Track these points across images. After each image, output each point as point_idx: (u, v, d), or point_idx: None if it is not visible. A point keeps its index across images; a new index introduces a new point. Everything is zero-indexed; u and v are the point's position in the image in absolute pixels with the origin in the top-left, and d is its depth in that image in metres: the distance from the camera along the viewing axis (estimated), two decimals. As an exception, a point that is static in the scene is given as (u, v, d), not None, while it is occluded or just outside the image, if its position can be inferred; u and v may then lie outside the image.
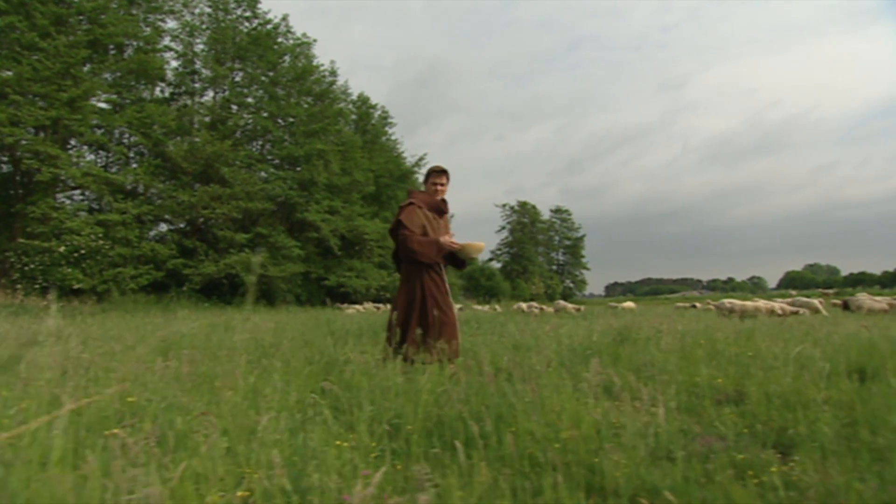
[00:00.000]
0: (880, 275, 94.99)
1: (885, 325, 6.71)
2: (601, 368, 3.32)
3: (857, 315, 14.74)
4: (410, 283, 4.52)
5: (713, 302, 25.30)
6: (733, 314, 13.91)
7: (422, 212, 4.54)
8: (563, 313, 18.87)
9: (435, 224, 4.61)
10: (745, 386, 3.65)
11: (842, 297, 44.69)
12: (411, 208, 4.52)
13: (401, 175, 40.41)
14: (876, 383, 3.64)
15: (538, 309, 19.02)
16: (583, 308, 21.15)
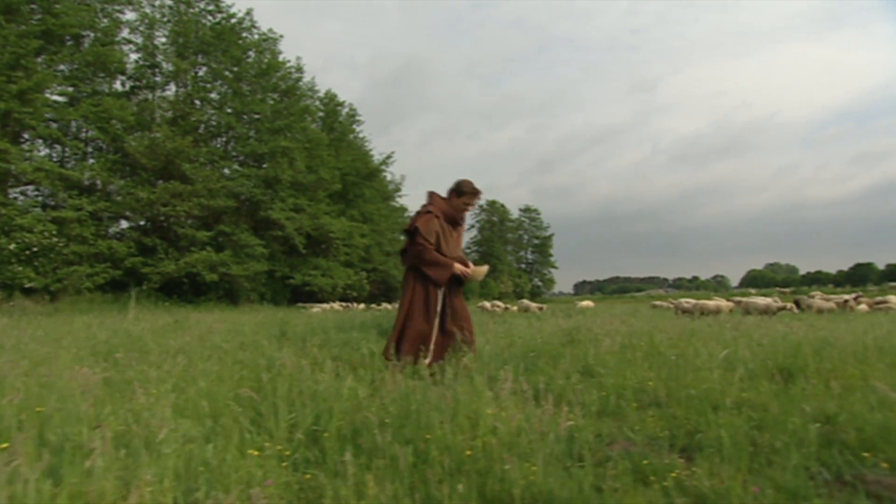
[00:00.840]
0: (835, 273, 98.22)
1: (822, 326, 6.92)
2: (519, 375, 3.35)
3: (807, 314, 15.19)
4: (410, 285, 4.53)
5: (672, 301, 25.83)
6: (689, 314, 14.22)
7: (438, 221, 4.47)
8: (525, 312, 19.03)
9: (448, 236, 4.55)
10: (672, 388, 3.71)
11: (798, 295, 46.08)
12: (429, 217, 4.43)
13: (368, 173, 40.19)
14: (796, 384, 3.75)
15: (502, 308, 19.10)
16: (545, 307, 21.31)
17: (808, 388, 3.34)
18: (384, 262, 41.13)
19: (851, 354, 4.50)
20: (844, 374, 3.81)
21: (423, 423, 2.67)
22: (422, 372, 4.03)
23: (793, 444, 2.40)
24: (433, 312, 4.46)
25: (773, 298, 20.40)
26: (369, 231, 38.26)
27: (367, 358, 5.20)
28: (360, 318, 15.43)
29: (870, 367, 3.98)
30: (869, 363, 4.20)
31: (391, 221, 43.21)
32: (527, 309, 19.58)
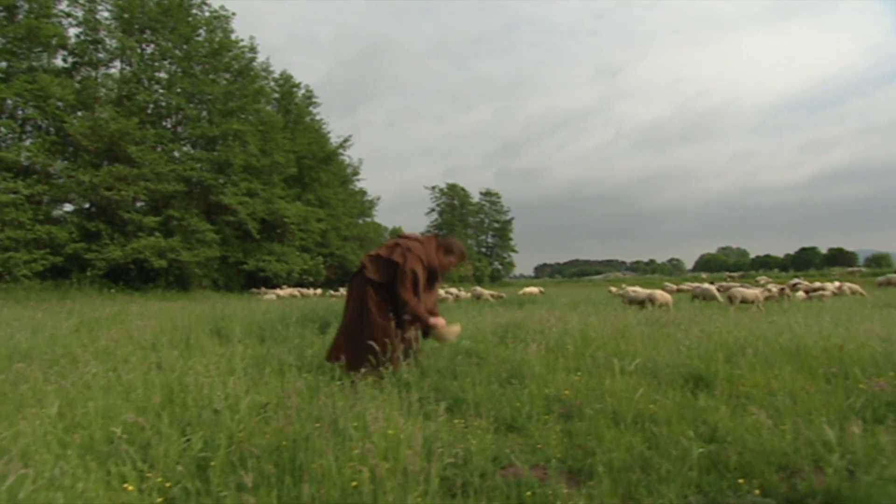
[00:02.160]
0: (783, 257, 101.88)
1: (745, 324, 7.11)
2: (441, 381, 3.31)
3: (735, 307, 15.68)
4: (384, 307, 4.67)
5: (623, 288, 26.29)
6: (635, 303, 14.48)
7: (420, 267, 4.64)
8: (478, 300, 19.06)
9: (425, 285, 4.75)
10: (586, 399, 3.74)
11: (745, 280, 47.73)
12: (418, 261, 4.62)
13: (325, 157, 39.51)
14: (708, 393, 3.83)
15: (454, 296, 19.08)
16: (504, 294, 21.30)
17: (711, 403, 3.40)
18: (341, 247, 40.72)
19: (763, 359, 4.63)
20: (752, 382, 3.90)
21: (317, 449, 2.61)
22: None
23: (677, 468, 2.44)
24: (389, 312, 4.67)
25: (716, 287, 20.97)
26: (326, 216, 37.72)
27: (295, 362, 5.10)
28: (309, 307, 15.22)
29: (776, 373, 4.09)
30: (777, 367, 4.32)
31: (348, 206, 42.74)
32: (479, 297, 19.62)
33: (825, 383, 3.92)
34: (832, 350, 4.70)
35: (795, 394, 3.61)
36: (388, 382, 4.41)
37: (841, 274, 44.81)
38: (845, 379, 3.95)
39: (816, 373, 4.13)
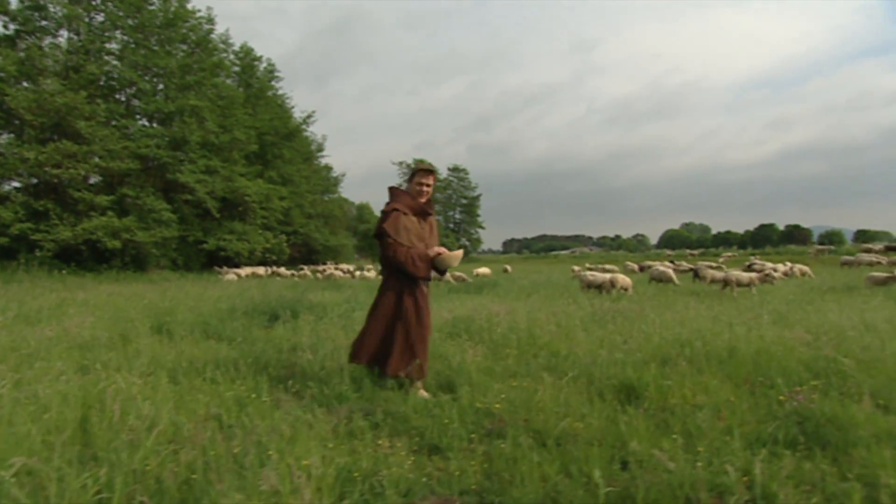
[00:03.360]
0: (742, 233, 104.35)
1: (691, 318, 7.22)
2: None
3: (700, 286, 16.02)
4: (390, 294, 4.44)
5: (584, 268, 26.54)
6: (593, 287, 14.63)
7: (407, 218, 4.35)
8: (439, 285, 18.94)
9: (420, 229, 4.42)
10: (515, 414, 3.73)
11: (706, 258, 48.76)
12: (396, 215, 4.31)
13: (287, 133, 38.61)
14: (631, 408, 3.86)
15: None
16: (468, 278, 21.18)
17: (634, 423, 3.42)
18: (305, 225, 40.16)
19: (696, 365, 4.69)
20: (680, 394, 3.95)
21: (223, 489, 2.53)
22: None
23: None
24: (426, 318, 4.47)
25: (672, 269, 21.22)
26: (289, 193, 37.02)
27: (228, 370, 4.97)
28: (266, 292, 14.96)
29: (706, 383, 4.14)
30: (708, 374, 4.38)
31: (312, 183, 42.04)
32: (440, 280, 19.55)
33: (750, 394, 3.99)
34: (762, 355, 4.80)
35: (719, 408, 3.66)
36: (321, 395, 4.35)
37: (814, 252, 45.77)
38: (769, 388, 4.03)
39: (744, 382, 4.20)
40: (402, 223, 4.32)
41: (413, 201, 4.45)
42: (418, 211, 4.45)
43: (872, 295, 12.30)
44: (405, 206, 4.40)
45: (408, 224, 4.35)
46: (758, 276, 15.14)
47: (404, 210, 4.38)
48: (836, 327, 6.01)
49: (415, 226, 4.40)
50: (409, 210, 4.41)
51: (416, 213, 4.44)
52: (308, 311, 9.04)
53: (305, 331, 7.57)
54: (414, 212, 4.43)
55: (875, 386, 3.83)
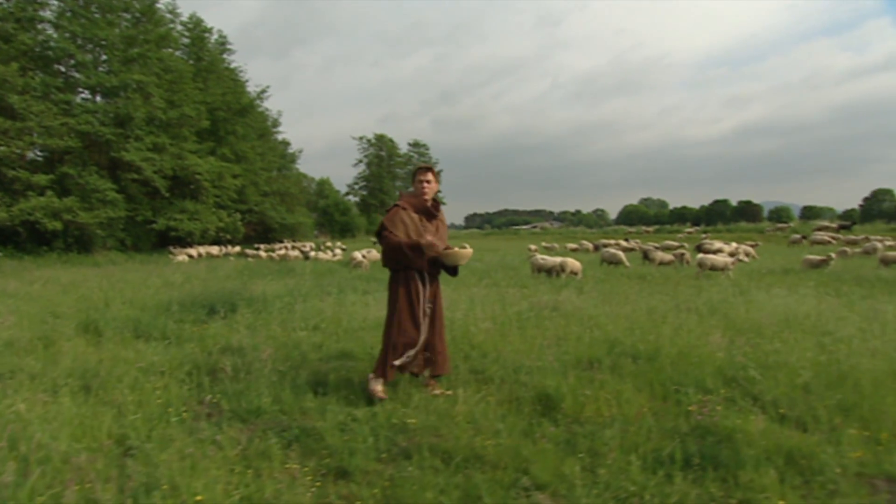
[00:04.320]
0: (698, 209, 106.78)
1: (628, 314, 7.33)
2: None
3: (649, 269, 16.35)
4: (393, 289, 4.47)
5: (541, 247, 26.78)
6: (544, 271, 14.76)
7: (406, 214, 4.40)
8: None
9: (422, 228, 4.44)
10: (425, 431, 3.71)
11: (660, 236, 49.81)
12: (395, 210, 4.42)
13: (241, 108, 37.47)
14: (546, 420, 3.89)
15: (360, 260, 18.79)
16: None
17: (542, 440, 3.45)
18: (260, 203, 39.38)
19: (618, 371, 4.77)
20: (595, 407, 4.00)
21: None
22: None
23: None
24: (419, 314, 4.43)
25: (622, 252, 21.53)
26: (243, 171, 36.15)
27: (148, 378, 4.82)
28: (213, 277, 14.62)
29: (622, 391, 4.21)
30: (629, 380, 4.45)
31: (268, 160, 41.07)
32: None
33: (663, 404, 4.08)
34: (682, 359, 4.90)
35: (630, 421, 3.72)
36: (239, 407, 4.26)
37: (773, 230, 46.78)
38: (685, 396, 4.13)
39: (659, 390, 4.28)
40: (400, 217, 4.39)
41: (416, 200, 4.50)
42: (421, 210, 4.49)
43: (806, 278, 12.77)
44: (406, 203, 4.48)
45: (406, 219, 4.39)
46: (733, 260, 15.13)
47: (404, 206, 4.45)
48: (756, 325, 6.20)
49: (414, 222, 4.43)
50: (411, 207, 4.46)
51: (418, 211, 4.48)
52: (248, 304, 8.85)
53: (241, 328, 7.42)
54: (416, 209, 4.47)
55: (778, 394, 3.95)
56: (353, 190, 79.16)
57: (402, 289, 4.42)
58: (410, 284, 4.43)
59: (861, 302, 8.30)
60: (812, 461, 3.04)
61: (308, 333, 6.99)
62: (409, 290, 4.43)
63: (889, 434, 3.41)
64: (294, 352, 6.07)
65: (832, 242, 29.72)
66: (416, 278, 4.43)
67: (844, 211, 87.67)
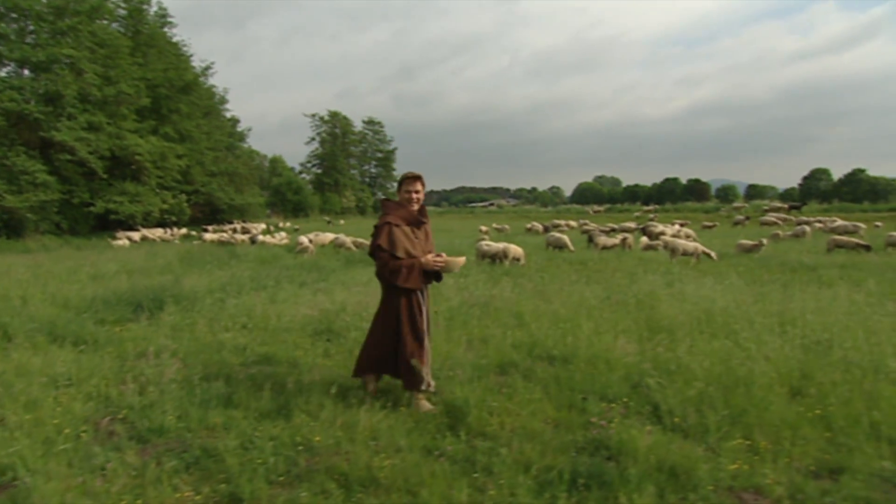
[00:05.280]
0: (650, 186, 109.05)
1: (561, 309, 7.43)
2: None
3: (591, 254, 16.63)
4: (388, 306, 4.44)
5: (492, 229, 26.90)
6: (487, 257, 14.84)
7: (400, 230, 4.31)
8: (339, 252, 18.64)
9: (415, 238, 4.38)
10: (332, 448, 3.69)
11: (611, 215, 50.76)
12: (387, 228, 4.29)
13: (184, 86, 35.99)
14: (450, 434, 3.93)
15: (310, 248, 18.51)
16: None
17: (440, 460, 3.47)
18: (207, 184, 38.22)
19: (532, 377, 4.84)
20: (499, 420, 4.05)
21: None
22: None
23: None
24: (423, 327, 4.42)
25: (567, 237, 21.80)
26: (188, 150, 34.93)
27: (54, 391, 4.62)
28: (152, 263, 14.13)
29: (530, 400, 4.28)
30: (539, 388, 4.53)
31: (214, 139, 39.77)
32: (341, 245, 19.27)
33: (568, 411, 4.17)
34: (594, 363, 5.02)
35: (531, 435, 3.79)
36: (141, 426, 4.15)
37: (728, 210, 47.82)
38: (591, 403, 4.22)
39: (566, 399, 4.37)
40: (396, 235, 4.29)
41: (405, 211, 4.41)
42: (411, 221, 4.41)
43: (738, 264, 13.25)
44: (397, 217, 4.36)
45: (400, 235, 4.31)
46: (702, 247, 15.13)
47: (396, 222, 4.34)
48: (674, 323, 6.38)
49: (408, 236, 4.36)
50: (402, 221, 4.37)
51: (408, 223, 4.40)
52: (176, 301, 8.59)
53: (166, 328, 7.22)
54: (406, 222, 4.39)
55: (674, 403, 4.08)
56: (305, 168, 77.83)
57: (405, 304, 4.38)
58: (412, 298, 4.40)
59: (775, 294, 8.66)
60: (691, 475, 3.16)
61: (233, 335, 6.85)
62: (412, 305, 4.40)
63: (768, 442, 3.57)
64: (214, 356, 5.95)
65: (779, 223, 30.76)
66: (417, 293, 4.41)
67: (785, 189, 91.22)
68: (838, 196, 65.09)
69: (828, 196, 66.16)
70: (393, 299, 4.42)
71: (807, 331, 5.88)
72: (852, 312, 6.96)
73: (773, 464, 3.32)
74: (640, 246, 18.13)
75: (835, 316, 6.68)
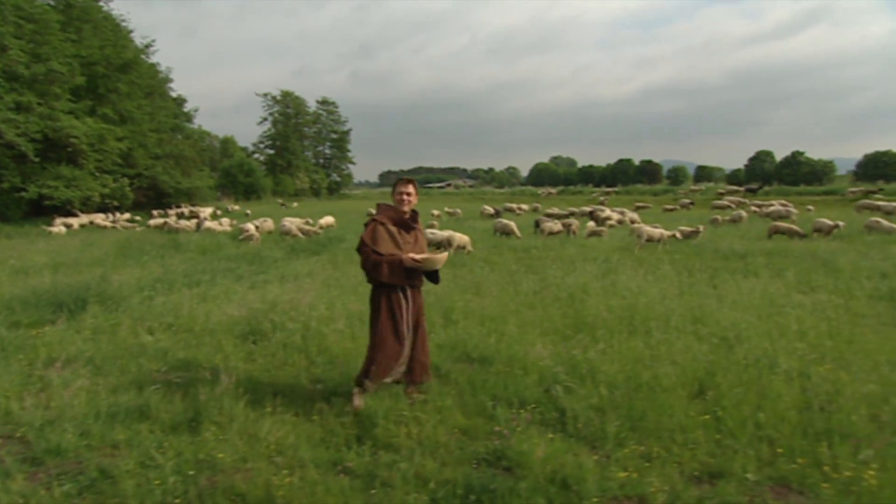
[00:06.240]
0: (604, 167, 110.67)
1: (490, 307, 7.50)
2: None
3: (535, 241, 16.83)
4: (375, 304, 4.53)
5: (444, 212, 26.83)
6: (432, 246, 14.83)
7: (385, 228, 4.46)
8: (286, 238, 18.29)
9: (402, 240, 4.49)
10: (234, 465, 3.65)
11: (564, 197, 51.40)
12: (373, 226, 4.47)
13: (123, 64, 34.34)
14: (354, 450, 3.94)
15: (255, 236, 18.14)
16: (319, 230, 20.42)
17: (341, 476, 3.47)
18: (151, 167, 36.83)
19: (448, 381, 4.88)
20: (407, 430, 4.08)
21: None
22: None
23: None
24: (403, 329, 4.50)
25: (514, 224, 21.96)
26: (129, 132, 33.52)
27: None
28: (87, 254, 13.58)
29: (442, 406, 4.32)
30: (454, 393, 4.57)
31: (157, 120, 38.25)
32: (287, 233, 18.95)
33: (477, 418, 4.22)
34: (510, 365, 5.10)
35: (436, 447, 3.82)
36: (38, 447, 4.01)
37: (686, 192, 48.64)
38: (500, 409, 4.29)
39: (476, 405, 4.42)
40: (379, 233, 4.44)
41: (395, 213, 4.56)
42: (399, 222, 4.54)
43: (674, 251, 13.63)
44: (385, 217, 4.54)
45: (384, 234, 4.44)
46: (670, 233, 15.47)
47: (382, 221, 4.50)
48: (597, 320, 6.53)
49: (393, 236, 4.47)
50: (389, 221, 4.52)
51: (396, 223, 4.53)
52: (101, 300, 8.26)
53: (86, 331, 6.97)
54: (395, 223, 4.53)
55: (580, 409, 4.18)
56: (258, 149, 75.95)
57: (384, 302, 4.47)
58: (392, 298, 4.48)
59: (701, 285, 8.96)
60: (582, 486, 3.25)
61: (157, 337, 6.66)
62: (392, 303, 4.48)
63: (660, 448, 3.70)
64: (132, 363, 5.79)
65: (732, 207, 31.60)
66: (399, 292, 4.48)
67: (732, 171, 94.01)
68: (779, 178, 67.58)
69: (769, 178, 68.61)
70: (375, 297, 4.54)
71: (718, 328, 6.11)
72: (764, 306, 7.27)
73: (662, 470, 3.45)
74: (586, 232, 18.41)
75: (748, 311, 6.96)
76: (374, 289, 4.56)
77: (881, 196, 33.05)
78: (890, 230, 16.43)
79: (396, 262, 4.37)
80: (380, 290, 4.50)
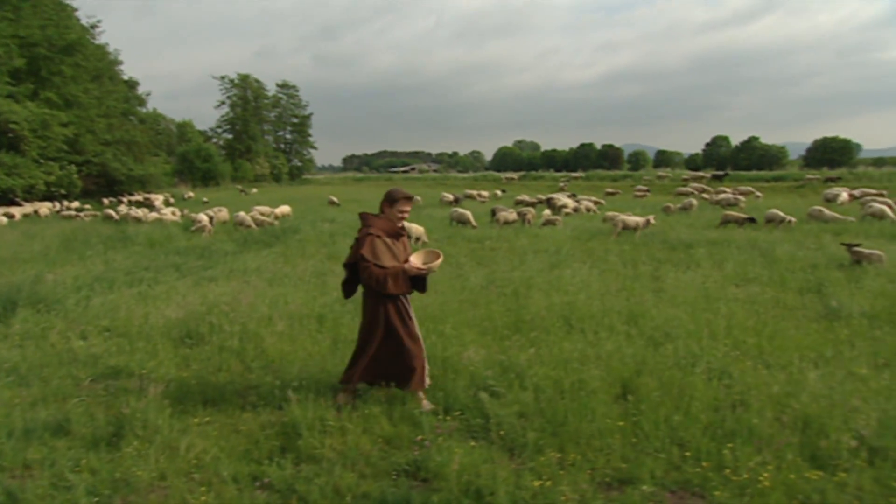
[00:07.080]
0: (566, 151, 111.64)
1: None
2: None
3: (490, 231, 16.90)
4: (374, 313, 4.56)
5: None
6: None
7: (381, 241, 4.53)
8: (239, 227, 17.96)
9: (395, 249, 4.59)
10: (137, 493, 3.60)
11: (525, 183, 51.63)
12: (370, 239, 4.50)
13: (67, 45, 32.88)
14: (276, 464, 3.93)
15: (208, 228, 17.73)
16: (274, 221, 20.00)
17: (258, 493, 3.46)
18: (100, 154, 35.58)
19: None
20: (331, 439, 4.09)
21: None
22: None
23: None
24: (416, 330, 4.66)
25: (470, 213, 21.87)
26: (75, 118, 32.26)
27: None
28: (25, 248, 13.07)
29: (369, 414, 4.33)
30: (384, 398, 4.59)
31: (106, 105, 36.87)
32: (241, 223, 18.59)
33: (404, 425, 4.25)
34: (444, 369, 5.14)
35: (357, 459, 3.84)
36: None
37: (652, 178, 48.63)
38: (428, 416, 4.33)
39: (404, 414, 4.45)
40: (378, 246, 4.50)
41: (386, 223, 4.63)
42: (391, 233, 4.64)
43: (623, 242, 13.87)
44: (379, 229, 4.58)
45: (382, 247, 4.52)
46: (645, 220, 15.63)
47: (377, 234, 4.55)
48: (536, 319, 6.62)
49: (390, 247, 4.57)
50: (383, 233, 4.59)
51: (388, 234, 4.62)
52: (33, 302, 7.95)
53: (15, 337, 6.72)
54: (387, 234, 4.61)
55: (504, 415, 4.24)
56: (216, 134, 74.10)
57: (393, 310, 4.55)
58: (399, 305, 4.59)
59: (644, 279, 9.17)
60: (494, 497, 3.32)
61: (89, 342, 6.48)
62: (399, 310, 4.59)
63: (577, 454, 3.79)
64: (59, 371, 5.63)
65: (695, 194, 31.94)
66: (402, 298, 4.62)
67: (690, 155, 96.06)
68: (734, 163, 69.31)
69: (724, 163, 70.31)
70: (379, 308, 4.56)
71: (650, 327, 6.27)
72: (700, 300, 7.49)
73: (575, 477, 3.53)
74: (542, 220, 18.52)
75: (683, 307, 7.15)
76: (376, 299, 4.57)
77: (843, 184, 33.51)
78: (832, 219, 17.01)
79: (400, 272, 4.47)
80: (384, 300, 4.54)
